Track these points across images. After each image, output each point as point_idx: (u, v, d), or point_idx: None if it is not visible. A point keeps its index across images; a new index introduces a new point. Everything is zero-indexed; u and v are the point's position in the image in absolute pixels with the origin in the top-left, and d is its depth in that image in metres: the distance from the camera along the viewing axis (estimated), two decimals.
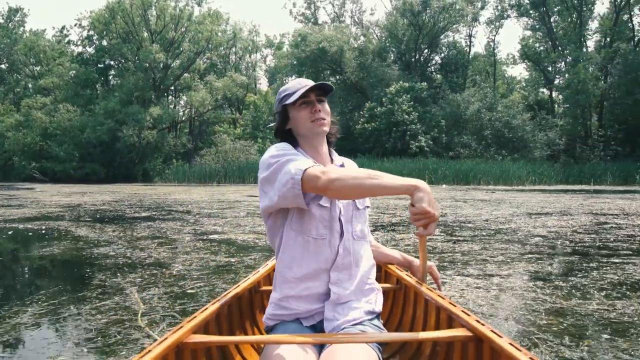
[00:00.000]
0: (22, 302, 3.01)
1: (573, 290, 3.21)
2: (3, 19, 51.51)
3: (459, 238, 5.64)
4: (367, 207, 1.65)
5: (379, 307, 1.58)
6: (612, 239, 5.51)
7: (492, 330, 1.27)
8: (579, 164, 29.26)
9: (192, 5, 41.60)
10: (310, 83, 1.55)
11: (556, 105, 38.15)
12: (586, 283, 3.39)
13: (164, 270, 3.90)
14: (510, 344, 1.17)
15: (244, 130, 38.36)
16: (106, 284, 3.46)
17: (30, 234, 6.31)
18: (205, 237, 5.82)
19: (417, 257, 1.83)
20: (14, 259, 4.94)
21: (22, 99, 45.37)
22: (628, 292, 3.15)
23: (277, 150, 1.48)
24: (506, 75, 51.40)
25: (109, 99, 37.64)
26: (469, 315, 1.40)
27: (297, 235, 1.48)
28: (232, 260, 4.34)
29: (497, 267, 3.98)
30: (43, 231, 6.45)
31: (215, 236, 5.93)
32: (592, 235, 5.83)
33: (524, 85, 48.07)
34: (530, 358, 1.09)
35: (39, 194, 16.97)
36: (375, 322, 1.52)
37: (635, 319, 2.60)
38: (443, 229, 6.47)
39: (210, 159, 32.38)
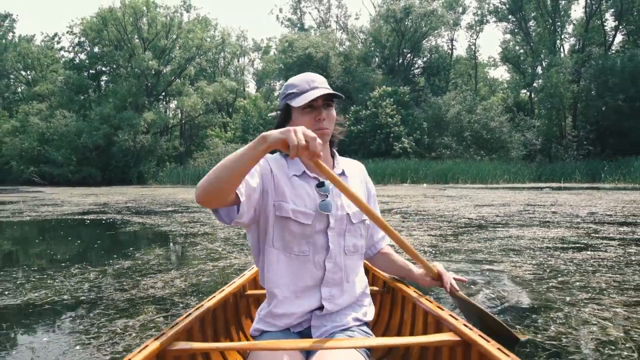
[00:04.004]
0: (148, 247, 5.36)
1: (453, 240, 5.58)
2: None
3: (408, 220, 7.97)
4: (364, 220, 1.58)
5: (369, 318, 1.58)
6: (516, 219, 7.81)
7: (480, 335, 1.27)
8: (554, 163, 30.69)
9: (181, 12, 43.40)
10: (320, 84, 1.48)
11: (535, 107, 39.59)
12: (464, 238, 5.73)
13: (215, 236, 6.24)
14: (499, 349, 1.18)
15: (234, 133, 40.16)
16: (187, 242, 5.81)
17: (103, 222, 8.48)
18: None
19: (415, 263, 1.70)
20: (119, 233, 6.90)
21: (12, 104, 46.80)
22: (483, 241, 5.53)
23: None
24: (488, 77, 53.22)
25: (104, 104, 39.30)
26: (456, 319, 1.40)
27: (279, 252, 1.46)
28: None
29: (420, 232, 6.34)
30: (110, 221, 8.67)
31: None
32: (506, 218, 8.10)
33: (505, 87, 49.43)
34: None
35: (55, 196, 18.90)
36: (364, 328, 1.53)
37: (477, 247, 4.94)
38: (402, 215, 8.75)
39: (202, 161, 34.15)
